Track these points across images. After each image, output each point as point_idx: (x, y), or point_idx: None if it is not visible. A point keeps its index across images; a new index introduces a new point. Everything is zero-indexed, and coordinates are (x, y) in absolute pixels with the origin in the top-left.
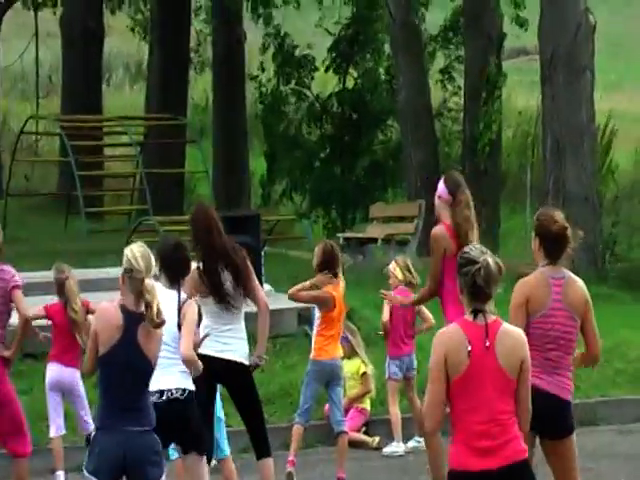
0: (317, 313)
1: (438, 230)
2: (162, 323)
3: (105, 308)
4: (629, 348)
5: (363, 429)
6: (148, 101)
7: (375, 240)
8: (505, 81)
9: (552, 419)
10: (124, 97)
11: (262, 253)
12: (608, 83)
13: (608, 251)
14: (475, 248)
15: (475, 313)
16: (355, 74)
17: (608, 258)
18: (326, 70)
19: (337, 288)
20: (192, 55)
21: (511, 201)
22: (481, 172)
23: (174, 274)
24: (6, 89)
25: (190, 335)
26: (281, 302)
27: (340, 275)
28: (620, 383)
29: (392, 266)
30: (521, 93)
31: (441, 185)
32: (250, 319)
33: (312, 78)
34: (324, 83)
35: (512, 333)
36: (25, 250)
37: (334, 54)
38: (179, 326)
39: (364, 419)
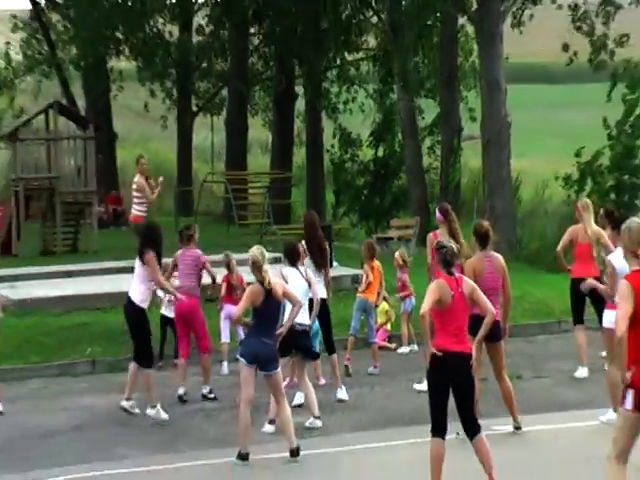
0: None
1: (429, 235)
2: (271, 288)
3: (255, 286)
4: (530, 296)
5: (387, 340)
6: (272, 163)
7: (392, 238)
8: (462, 152)
9: (491, 330)
10: (259, 161)
11: (333, 245)
12: (518, 153)
13: (518, 243)
14: (445, 240)
15: (449, 274)
16: (382, 149)
17: (517, 247)
18: (368, 146)
19: (375, 265)
20: (295, 138)
21: (466, 219)
22: (449, 202)
23: (294, 259)
24: (195, 157)
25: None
26: (343, 270)
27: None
28: (525, 316)
29: (397, 254)
30: (472, 159)
31: (437, 211)
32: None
33: (360, 150)
34: (366, 153)
35: (468, 282)
36: (207, 243)
37: (371, 138)
38: (309, 285)
39: (387, 334)
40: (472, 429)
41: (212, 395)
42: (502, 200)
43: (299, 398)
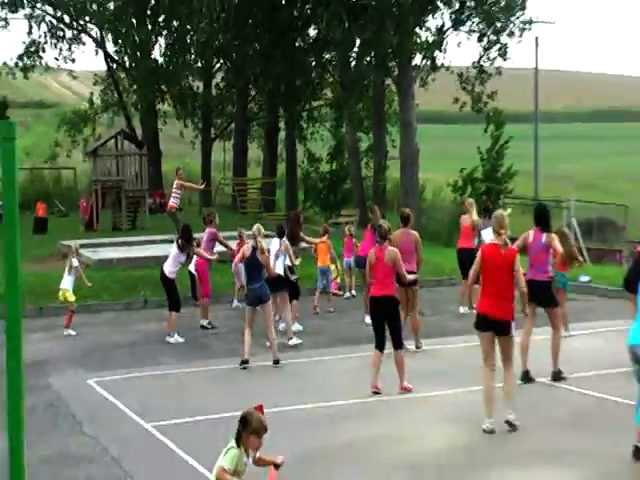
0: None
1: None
2: (257, 247)
3: (248, 245)
4: (431, 261)
5: (338, 289)
6: (263, 173)
7: (341, 223)
8: (388, 168)
9: (411, 283)
10: (255, 171)
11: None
12: (424, 169)
13: (423, 228)
14: (383, 222)
15: (379, 243)
16: (335, 164)
17: (423, 230)
18: (326, 162)
19: (325, 240)
20: (278, 157)
21: (390, 211)
22: (379, 201)
23: (280, 234)
24: (213, 168)
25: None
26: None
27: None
28: (427, 274)
29: (346, 228)
30: (394, 173)
31: (374, 208)
32: None
33: (321, 165)
34: (325, 167)
35: (391, 249)
36: (222, 225)
37: (328, 157)
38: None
39: (338, 285)
40: (396, 345)
41: (210, 326)
42: (413, 199)
43: (282, 325)
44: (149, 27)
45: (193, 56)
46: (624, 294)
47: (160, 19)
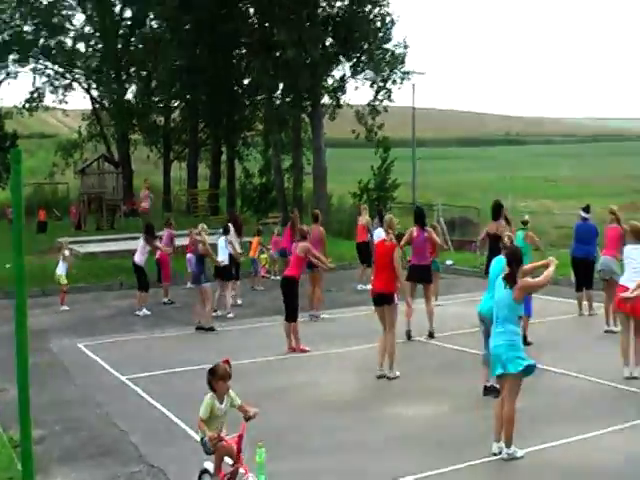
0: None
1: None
2: (205, 243)
3: (195, 238)
4: (335, 251)
5: (267, 272)
6: (210, 185)
7: (269, 223)
8: (304, 181)
9: (315, 265)
10: (204, 184)
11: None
12: (332, 181)
13: (330, 225)
14: (303, 226)
15: (300, 241)
16: (265, 179)
17: (331, 226)
18: (257, 177)
19: (257, 238)
20: (221, 173)
21: (305, 214)
22: (297, 207)
23: (226, 231)
24: (172, 182)
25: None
26: (246, 239)
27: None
28: (333, 261)
29: (276, 230)
30: (309, 184)
31: (292, 214)
32: None
33: (254, 179)
34: (257, 181)
35: (302, 245)
36: (179, 224)
37: (259, 173)
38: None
39: (266, 270)
40: (290, 318)
41: (170, 302)
42: (323, 204)
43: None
44: (123, 77)
45: (157, 98)
46: (476, 273)
47: (131, 70)
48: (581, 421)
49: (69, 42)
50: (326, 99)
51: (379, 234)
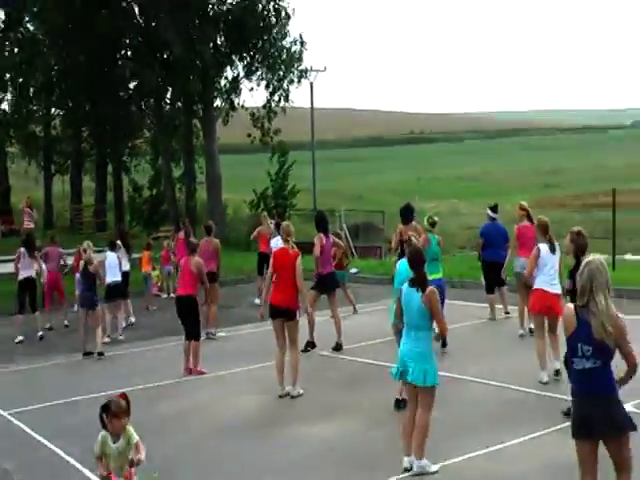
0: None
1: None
2: (91, 262)
3: (82, 256)
4: (232, 263)
5: (159, 290)
6: (95, 200)
7: (160, 237)
8: (197, 191)
9: (212, 280)
10: (89, 199)
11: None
12: (227, 190)
13: (226, 237)
14: (192, 239)
15: (191, 255)
16: (155, 190)
17: (226, 239)
18: (147, 188)
19: (147, 252)
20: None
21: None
22: (190, 219)
23: (112, 247)
24: (53, 197)
25: None
26: (135, 254)
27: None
28: (230, 273)
29: (165, 243)
30: (202, 194)
31: (183, 227)
32: None
33: (143, 191)
34: (146, 193)
35: (196, 260)
36: (64, 240)
37: (149, 184)
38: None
39: (158, 287)
40: (191, 336)
41: (50, 328)
42: (218, 215)
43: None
44: None
45: (35, 107)
46: (384, 280)
47: (6, 77)
48: (496, 430)
49: None
50: (219, 102)
51: (277, 243)
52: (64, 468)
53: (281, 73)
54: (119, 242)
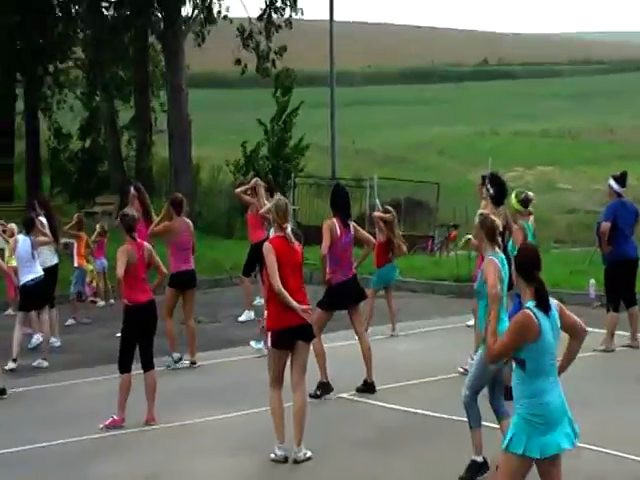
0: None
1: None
2: None
3: None
4: (206, 257)
5: (94, 295)
6: None
7: (97, 213)
8: (154, 144)
9: (188, 279)
10: None
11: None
12: (198, 144)
13: (198, 216)
14: (129, 210)
15: (133, 238)
16: (89, 141)
17: (197, 219)
18: (77, 139)
19: (82, 235)
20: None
21: (157, 198)
22: (144, 185)
23: (28, 227)
24: None
25: None
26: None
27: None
28: (203, 272)
29: (99, 226)
30: (162, 150)
31: (132, 189)
32: None
33: (71, 142)
34: (76, 145)
35: (147, 246)
36: None
37: (80, 132)
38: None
39: (94, 291)
40: (147, 364)
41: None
42: (185, 181)
43: (36, 341)
44: None
45: None
46: (438, 288)
47: None
48: None
49: None
50: (188, 9)
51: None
52: None
53: None
54: (41, 219)
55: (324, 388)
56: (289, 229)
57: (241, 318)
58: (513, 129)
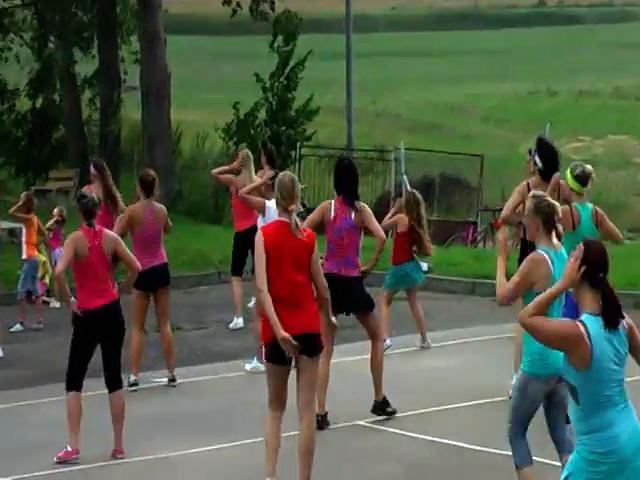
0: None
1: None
2: None
3: None
4: (190, 248)
5: (46, 294)
6: None
7: (51, 191)
8: (123, 104)
9: (160, 277)
10: None
11: None
12: (178, 104)
13: (178, 195)
14: (89, 192)
15: (89, 225)
16: (41, 100)
17: (177, 199)
18: (25, 96)
19: (34, 219)
20: None
21: (127, 171)
22: (109, 154)
23: None
24: None
25: None
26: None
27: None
28: (184, 267)
29: (56, 211)
30: (133, 111)
31: (91, 167)
32: None
33: (17, 100)
34: (23, 104)
35: (110, 234)
36: None
37: (29, 88)
38: None
39: (46, 288)
40: (112, 383)
41: None
42: (162, 151)
43: None
44: None
45: None
46: (480, 288)
47: None
48: None
49: None
50: None
51: (272, 211)
52: None
53: None
54: None
55: (321, 419)
56: (293, 216)
57: (231, 325)
58: (577, 88)
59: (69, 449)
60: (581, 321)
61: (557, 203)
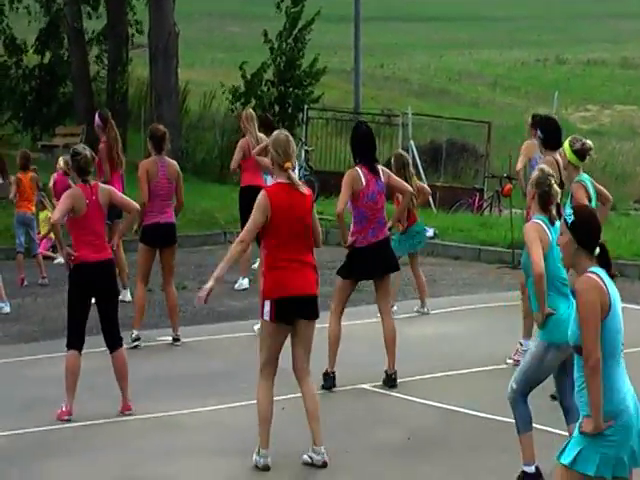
0: None
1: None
2: None
3: None
4: (196, 207)
5: (50, 249)
6: None
7: (58, 146)
8: (130, 62)
9: (166, 234)
10: None
11: None
12: (186, 63)
13: (184, 154)
14: (81, 147)
15: (84, 182)
16: (49, 55)
17: (184, 158)
18: (33, 52)
19: (29, 175)
20: None
21: (133, 128)
22: (116, 111)
23: None
24: None
25: None
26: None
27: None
28: (190, 226)
29: (61, 160)
30: (140, 69)
31: (96, 117)
32: None
33: (25, 55)
34: (31, 59)
35: (105, 187)
36: None
37: (37, 43)
38: None
39: (51, 243)
40: (112, 342)
41: None
42: (169, 109)
43: None
44: None
45: None
46: (486, 255)
47: None
48: None
49: None
50: None
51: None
52: None
53: None
54: None
55: (325, 382)
56: (292, 173)
57: (236, 286)
58: (585, 57)
59: (63, 409)
60: (593, 272)
61: (558, 190)
